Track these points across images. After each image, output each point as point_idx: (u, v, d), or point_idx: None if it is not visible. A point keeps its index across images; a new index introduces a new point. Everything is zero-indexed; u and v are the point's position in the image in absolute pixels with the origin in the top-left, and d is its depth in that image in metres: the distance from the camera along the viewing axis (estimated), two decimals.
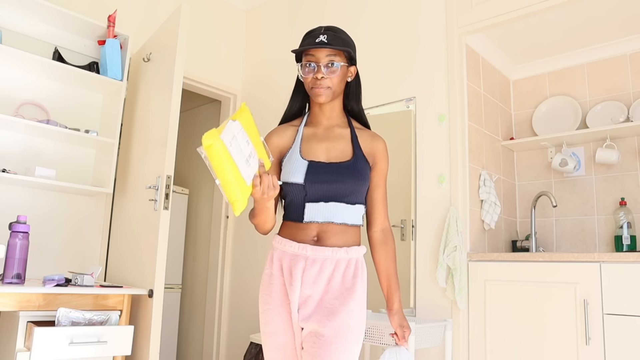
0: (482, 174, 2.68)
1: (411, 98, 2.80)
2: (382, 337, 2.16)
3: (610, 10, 2.55)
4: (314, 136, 1.53)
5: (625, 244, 2.58)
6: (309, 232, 1.45)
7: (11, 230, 2.13)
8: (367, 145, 1.54)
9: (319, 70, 1.44)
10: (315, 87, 1.46)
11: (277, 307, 1.45)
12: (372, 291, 2.65)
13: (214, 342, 3.57)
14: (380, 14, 3.07)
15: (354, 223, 1.48)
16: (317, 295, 1.42)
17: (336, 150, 1.50)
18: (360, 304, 1.43)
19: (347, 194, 1.45)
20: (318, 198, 1.44)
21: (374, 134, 1.58)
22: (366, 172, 1.48)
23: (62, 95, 2.88)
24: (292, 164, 1.47)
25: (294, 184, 1.45)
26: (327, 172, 1.44)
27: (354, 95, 1.58)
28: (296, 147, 1.50)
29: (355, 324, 1.41)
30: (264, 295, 1.48)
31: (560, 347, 2.11)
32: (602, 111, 2.85)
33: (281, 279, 1.46)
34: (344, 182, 1.44)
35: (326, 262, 1.43)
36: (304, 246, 1.43)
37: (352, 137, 1.52)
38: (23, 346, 2.08)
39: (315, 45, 1.43)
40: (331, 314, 1.39)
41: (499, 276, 2.33)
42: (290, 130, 1.56)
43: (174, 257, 4.35)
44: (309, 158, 1.48)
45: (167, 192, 2.41)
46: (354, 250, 1.47)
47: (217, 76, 3.73)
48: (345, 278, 1.43)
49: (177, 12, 2.59)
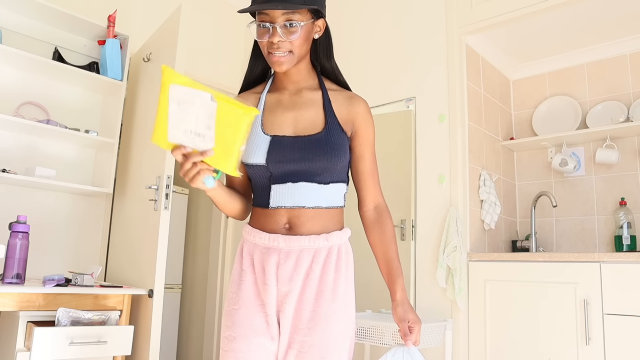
0: (482, 174, 2.68)
1: (411, 98, 2.80)
2: (382, 337, 2.16)
3: (610, 10, 2.55)
4: (279, 104, 1.29)
5: (625, 244, 2.58)
6: (279, 220, 1.22)
7: (11, 230, 2.13)
8: (343, 110, 1.28)
9: (274, 32, 1.18)
10: (273, 53, 1.20)
11: (245, 309, 1.23)
12: (371, 289, 2.65)
13: (214, 342, 3.56)
14: (380, 14, 3.07)
15: (330, 205, 1.24)
16: (295, 294, 1.20)
17: (305, 120, 1.25)
18: (345, 304, 1.22)
19: (319, 173, 1.22)
20: (285, 179, 1.22)
21: (352, 95, 1.32)
22: (341, 144, 1.24)
23: (62, 95, 2.88)
24: (253, 140, 1.23)
25: (255, 165, 1.22)
26: (294, 149, 1.21)
27: (325, 52, 1.32)
28: (257, 119, 1.26)
29: (340, 329, 1.20)
30: (231, 294, 1.27)
31: (560, 347, 2.11)
32: (602, 111, 2.85)
33: (252, 275, 1.25)
34: (313, 159, 1.20)
35: (303, 253, 1.20)
36: (275, 237, 1.21)
37: (325, 102, 1.27)
38: (23, 346, 2.08)
39: (267, 2, 1.16)
40: (312, 319, 1.18)
41: (499, 276, 2.33)
42: (252, 99, 1.33)
43: (174, 257, 4.35)
44: (272, 132, 1.24)
45: (167, 192, 2.41)
46: (335, 235, 1.23)
47: (217, 76, 3.73)
48: (325, 272, 1.21)
49: (177, 12, 2.59)
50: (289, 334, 1.20)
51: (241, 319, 1.22)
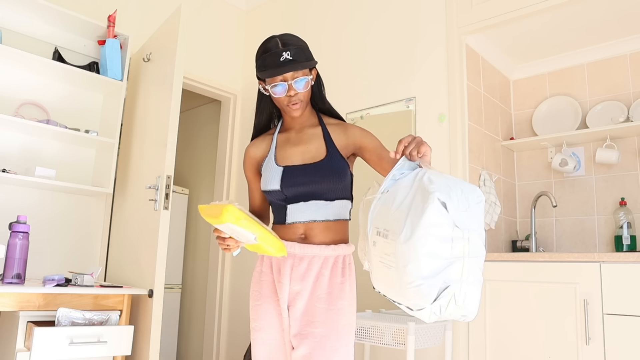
0: (482, 174, 2.68)
1: (411, 98, 2.80)
2: (382, 337, 2.16)
3: (610, 10, 2.55)
4: (288, 142, 1.57)
5: (625, 244, 2.58)
6: (296, 231, 1.49)
7: (11, 230, 2.13)
8: (342, 139, 1.54)
9: (290, 88, 1.46)
10: (290, 105, 1.49)
11: (266, 304, 1.50)
12: (371, 291, 2.65)
13: (214, 342, 3.57)
14: (380, 14, 3.07)
15: (337, 218, 1.50)
16: (306, 292, 1.45)
17: (310, 152, 1.52)
18: (350, 302, 1.46)
19: (325, 192, 1.48)
20: (297, 199, 1.49)
21: (346, 125, 1.58)
22: (342, 168, 1.49)
23: (62, 95, 2.88)
24: (269, 172, 1.52)
25: (272, 191, 1.50)
26: (303, 174, 1.48)
27: (318, 97, 1.60)
28: (271, 155, 1.55)
29: (347, 322, 1.44)
30: (254, 292, 1.54)
31: (561, 347, 2.11)
32: (602, 111, 2.85)
33: (270, 276, 1.52)
34: (319, 181, 1.47)
35: (314, 259, 1.47)
36: (291, 244, 1.47)
37: (325, 135, 1.54)
38: (23, 346, 2.08)
39: (282, 66, 1.43)
40: (322, 313, 1.43)
41: (499, 276, 2.33)
42: (267, 140, 1.62)
43: (174, 257, 4.35)
44: (284, 164, 1.52)
45: (167, 192, 2.41)
46: (341, 247, 1.49)
47: (217, 76, 3.73)
48: (333, 275, 1.46)
49: (177, 12, 2.59)
50: (300, 326, 1.44)
51: (263, 312, 1.50)
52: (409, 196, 1.10)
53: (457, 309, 1.07)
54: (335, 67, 3.24)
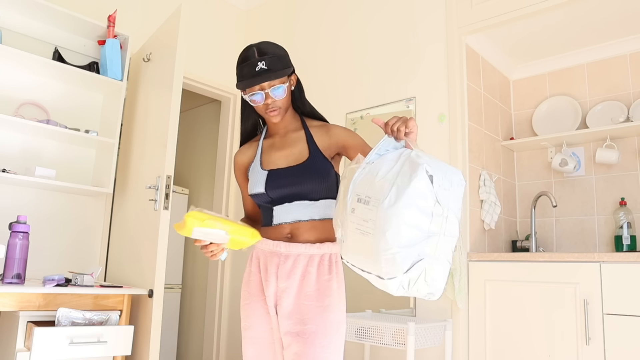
0: (482, 174, 2.68)
1: (411, 98, 2.80)
2: (382, 337, 2.16)
3: (610, 10, 2.55)
4: (272, 146, 1.61)
5: (625, 244, 2.58)
6: (282, 231, 1.52)
7: (11, 230, 2.13)
8: (325, 140, 1.57)
9: (267, 96, 1.49)
10: (269, 111, 1.52)
11: (254, 302, 1.54)
12: (371, 289, 2.65)
13: (214, 342, 3.57)
14: (380, 14, 3.07)
15: (322, 217, 1.52)
16: (292, 290, 1.47)
17: (294, 155, 1.56)
18: (339, 300, 1.47)
19: (309, 192, 1.51)
20: (282, 200, 1.52)
21: (327, 125, 1.61)
22: (324, 168, 1.52)
23: (62, 95, 2.88)
24: (254, 176, 1.56)
25: (257, 194, 1.54)
26: (286, 176, 1.51)
27: (299, 100, 1.63)
28: (257, 160, 1.60)
29: (336, 319, 1.45)
30: (244, 292, 1.58)
31: (561, 347, 2.11)
32: (602, 111, 2.85)
33: (258, 275, 1.55)
34: (301, 182, 1.50)
35: (299, 257, 1.49)
36: (277, 243, 1.51)
37: (307, 138, 1.57)
38: (23, 346, 2.08)
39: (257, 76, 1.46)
40: (311, 310, 1.44)
41: (499, 276, 2.33)
42: (253, 147, 1.67)
43: (174, 257, 4.35)
44: (269, 168, 1.56)
45: (167, 192, 2.41)
46: (327, 246, 1.51)
47: (217, 76, 3.73)
48: (320, 273, 1.48)
49: (177, 12, 2.59)
50: (289, 324, 1.45)
51: (251, 311, 1.53)
52: (396, 167, 1.14)
53: (425, 286, 1.11)
54: (335, 67, 3.24)
